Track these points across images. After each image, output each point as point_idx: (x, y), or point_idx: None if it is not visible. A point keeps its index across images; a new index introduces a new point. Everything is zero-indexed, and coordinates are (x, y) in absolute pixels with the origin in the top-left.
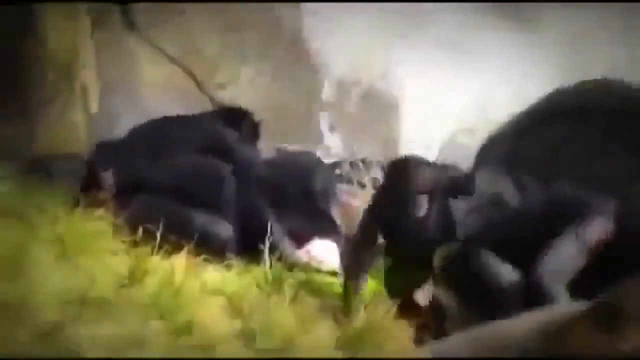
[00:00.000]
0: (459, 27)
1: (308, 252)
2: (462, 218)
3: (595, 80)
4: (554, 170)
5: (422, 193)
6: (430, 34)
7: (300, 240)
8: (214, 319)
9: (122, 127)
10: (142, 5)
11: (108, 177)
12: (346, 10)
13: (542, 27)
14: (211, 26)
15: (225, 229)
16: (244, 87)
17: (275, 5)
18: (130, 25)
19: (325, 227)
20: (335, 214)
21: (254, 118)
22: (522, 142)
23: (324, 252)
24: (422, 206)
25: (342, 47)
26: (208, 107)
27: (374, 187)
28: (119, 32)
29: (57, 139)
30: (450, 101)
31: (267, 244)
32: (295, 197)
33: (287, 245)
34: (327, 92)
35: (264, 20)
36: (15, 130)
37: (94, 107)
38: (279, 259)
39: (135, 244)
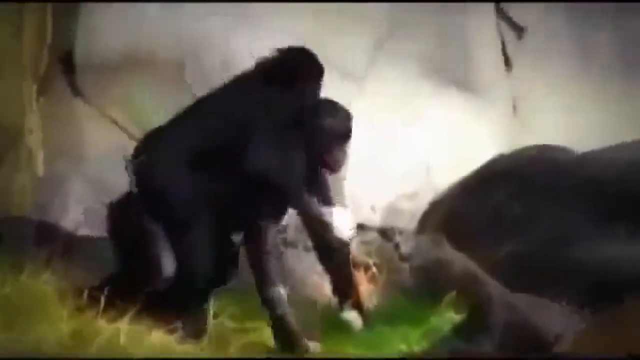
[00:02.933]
0: (403, 91)
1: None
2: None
3: (537, 147)
4: (494, 235)
5: None
6: (373, 98)
7: None
8: None
9: (68, 191)
10: (87, 70)
11: None
12: None
13: (486, 93)
14: (155, 91)
15: None
16: None
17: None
18: (76, 90)
19: None
20: None
21: None
22: (465, 206)
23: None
24: None
25: None
26: None
27: None
28: (65, 97)
29: (4, 203)
30: (394, 166)
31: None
32: None
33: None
34: None
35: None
36: None
37: (40, 171)
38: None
39: (81, 308)
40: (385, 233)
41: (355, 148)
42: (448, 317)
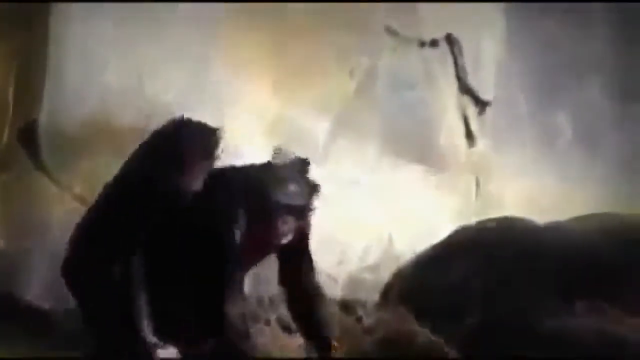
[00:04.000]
0: (363, 167)
1: None
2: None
3: (498, 218)
4: (457, 307)
5: None
6: (333, 174)
7: None
8: None
9: (31, 265)
10: (50, 143)
11: None
12: (248, 149)
13: (449, 167)
14: (119, 163)
15: None
16: None
17: None
18: (38, 164)
19: None
20: None
21: None
22: (426, 279)
23: None
24: None
25: None
26: None
27: (280, 326)
28: (27, 171)
29: None
30: (355, 237)
31: None
32: None
33: None
34: None
35: None
36: None
37: (1, 245)
38: None
39: None
40: (346, 305)
41: (315, 220)
42: None
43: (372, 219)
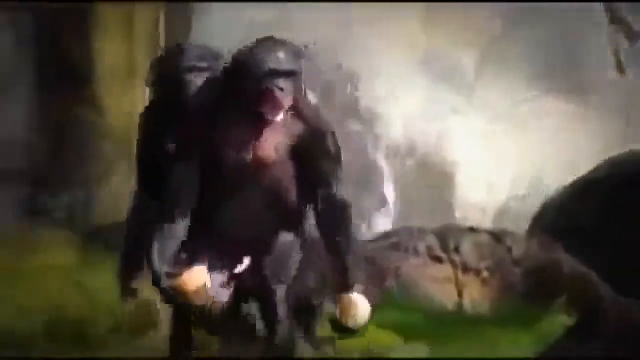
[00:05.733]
0: (511, 99)
1: None
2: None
3: None
4: (600, 238)
5: None
6: (482, 107)
7: None
8: None
9: None
10: None
11: None
12: (400, 84)
13: (595, 98)
14: None
15: None
16: None
17: (330, 72)
18: None
19: None
20: None
21: None
22: (573, 211)
23: None
24: None
25: (398, 118)
26: None
27: (429, 255)
28: None
29: (117, 209)
30: (503, 170)
31: None
32: None
33: None
34: (383, 161)
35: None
36: (75, 200)
37: None
38: None
39: None
40: (496, 236)
41: (466, 153)
42: (560, 321)
43: (520, 151)
